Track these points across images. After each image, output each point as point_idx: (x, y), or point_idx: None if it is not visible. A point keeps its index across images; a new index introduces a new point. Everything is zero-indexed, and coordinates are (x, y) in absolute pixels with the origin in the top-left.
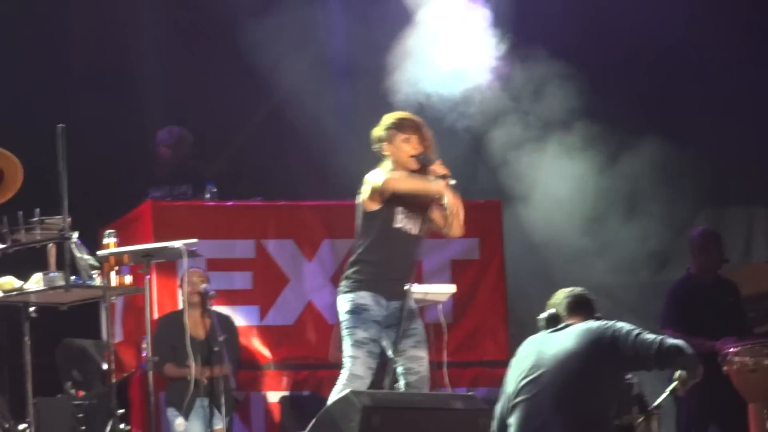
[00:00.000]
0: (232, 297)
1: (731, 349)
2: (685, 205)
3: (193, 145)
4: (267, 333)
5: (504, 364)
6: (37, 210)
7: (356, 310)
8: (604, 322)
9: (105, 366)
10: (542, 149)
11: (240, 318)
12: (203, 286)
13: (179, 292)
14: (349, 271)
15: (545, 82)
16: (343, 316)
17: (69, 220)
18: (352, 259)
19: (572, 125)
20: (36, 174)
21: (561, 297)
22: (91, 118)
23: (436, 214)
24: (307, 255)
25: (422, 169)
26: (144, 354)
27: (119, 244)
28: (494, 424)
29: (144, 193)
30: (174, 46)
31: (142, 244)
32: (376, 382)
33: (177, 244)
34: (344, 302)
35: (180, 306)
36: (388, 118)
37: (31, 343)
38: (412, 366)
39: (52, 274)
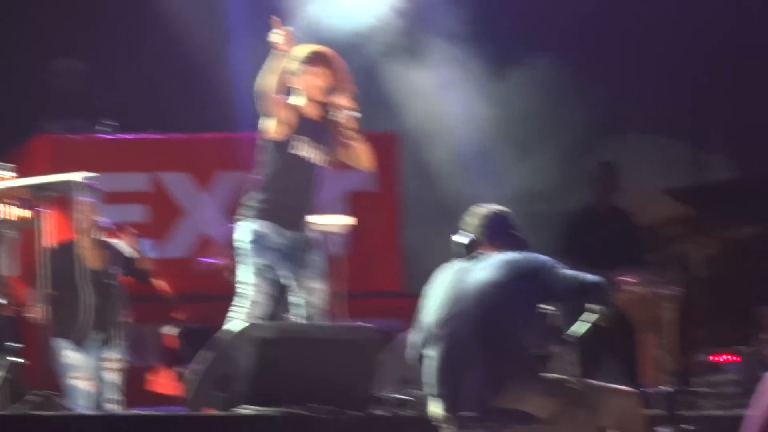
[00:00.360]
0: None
1: (622, 279)
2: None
3: (87, 77)
4: (163, 266)
5: (397, 295)
6: None
7: (255, 239)
8: (524, 254)
9: (1, 300)
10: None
11: None
12: (95, 217)
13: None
14: (249, 201)
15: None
16: (242, 243)
17: None
18: (252, 189)
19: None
20: None
21: (477, 221)
22: None
23: (339, 144)
24: (204, 188)
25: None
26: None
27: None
28: (412, 353)
29: (36, 125)
30: None
31: (39, 177)
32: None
33: (76, 176)
34: (243, 230)
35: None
36: (298, 52)
37: None
38: (310, 298)
39: None
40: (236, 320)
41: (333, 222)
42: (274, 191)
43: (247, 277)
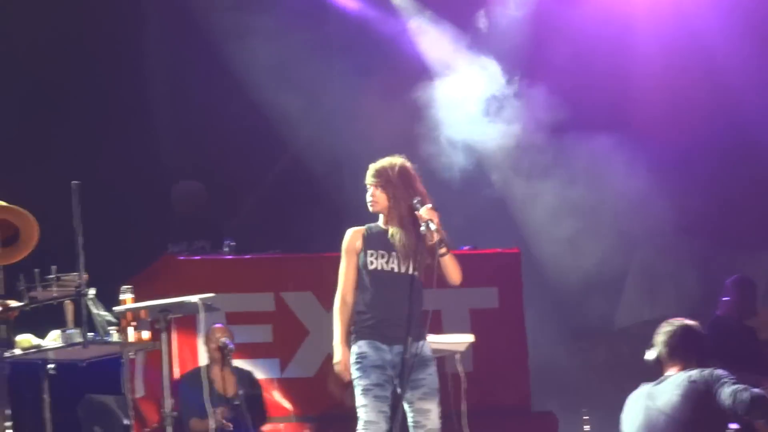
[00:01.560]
0: (252, 350)
1: None
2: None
3: (209, 199)
4: (287, 385)
5: (524, 412)
6: (54, 267)
7: (358, 360)
8: (703, 371)
9: (126, 422)
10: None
11: (260, 371)
12: (222, 339)
13: (199, 347)
14: (352, 324)
15: None
16: (351, 368)
17: (85, 276)
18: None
19: None
20: (52, 231)
21: (661, 338)
22: (108, 174)
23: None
24: (326, 306)
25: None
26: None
27: (138, 300)
28: None
29: (163, 248)
30: (190, 100)
31: (159, 300)
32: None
33: (193, 298)
34: (351, 355)
35: (200, 361)
36: (370, 168)
37: (51, 400)
38: (419, 419)
39: (69, 331)
40: None
41: (457, 340)
42: (367, 310)
43: (358, 399)
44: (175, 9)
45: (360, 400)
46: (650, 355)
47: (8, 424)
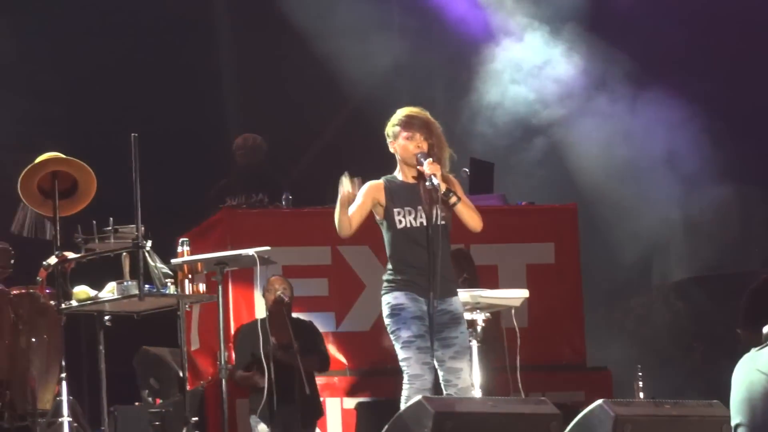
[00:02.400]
0: (308, 303)
1: None
2: None
3: (268, 152)
4: (343, 339)
5: (579, 368)
6: (111, 219)
7: (394, 311)
8: None
9: (182, 374)
10: None
11: (316, 325)
12: (278, 293)
13: (256, 300)
14: (384, 275)
15: None
16: (386, 320)
17: (143, 229)
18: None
19: None
20: (110, 183)
21: None
22: (167, 127)
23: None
24: (383, 260)
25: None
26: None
27: (195, 253)
28: None
29: (221, 201)
30: (249, 53)
31: (215, 252)
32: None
33: (250, 251)
34: (384, 306)
35: (257, 314)
36: (395, 116)
37: (107, 352)
38: (450, 378)
39: (126, 283)
40: (406, 396)
41: (513, 295)
42: (401, 267)
43: (400, 353)
44: None
45: (402, 353)
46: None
47: (64, 375)
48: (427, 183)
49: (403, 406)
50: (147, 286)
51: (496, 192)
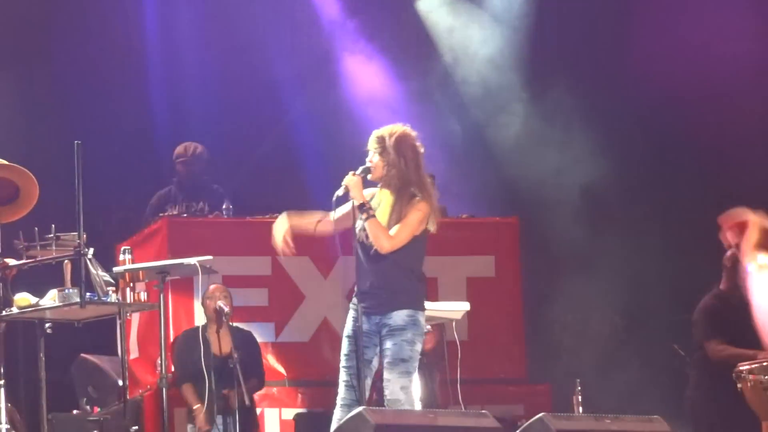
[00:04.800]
0: (248, 313)
1: (745, 367)
2: None
3: (209, 161)
4: (282, 350)
5: (519, 381)
6: (53, 226)
7: (346, 326)
8: None
9: (120, 382)
10: None
11: (256, 335)
12: (218, 302)
13: (195, 309)
14: None
15: None
16: None
17: (84, 236)
18: None
19: None
20: (52, 190)
21: None
22: (109, 134)
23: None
24: (323, 272)
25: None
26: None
27: (136, 261)
28: None
29: (161, 209)
30: (187, 61)
31: (157, 261)
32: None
33: (192, 260)
34: None
35: (197, 322)
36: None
37: (46, 359)
38: (385, 389)
39: (67, 291)
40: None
41: (454, 308)
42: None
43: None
44: None
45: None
46: None
47: (1, 382)
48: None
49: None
50: (88, 293)
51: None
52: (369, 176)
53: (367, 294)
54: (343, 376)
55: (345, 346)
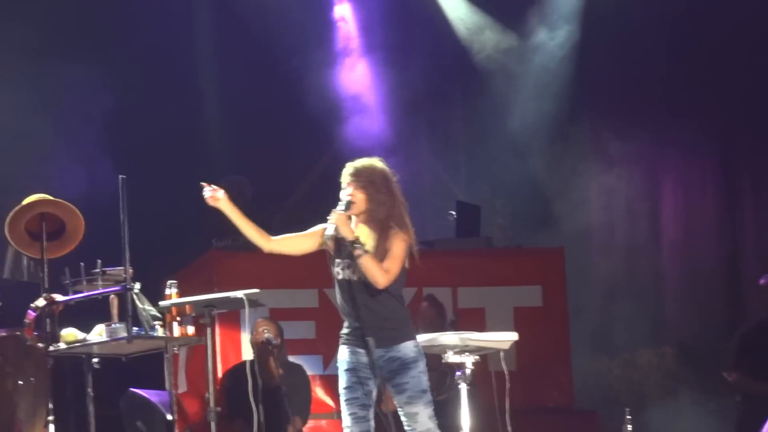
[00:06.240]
0: (295, 346)
1: None
2: None
3: (254, 194)
4: (331, 382)
5: (567, 411)
6: (99, 261)
7: (338, 365)
8: None
9: (169, 417)
10: None
11: (304, 367)
12: (266, 335)
13: (243, 342)
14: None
15: None
16: None
17: (131, 271)
18: None
19: None
20: (98, 225)
21: None
22: (154, 169)
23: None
24: None
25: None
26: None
27: (183, 295)
28: None
29: (207, 243)
30: (236, 97)
31: (204, 295)
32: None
33: (239, 294)
34: None
35: (244, 356)
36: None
37: (94, 395)
38: (408, 422)
39: (114, 326)
40: None
41: (502, 338)
42: (342, 317)
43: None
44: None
45: (341, 404)
46: None
47: (51, 418)
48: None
49: None
50: (135, 328)
51: (483, 235)
52: (348, 211)
53: (369, 329)
54: (349, 410)
55: (345, 380)
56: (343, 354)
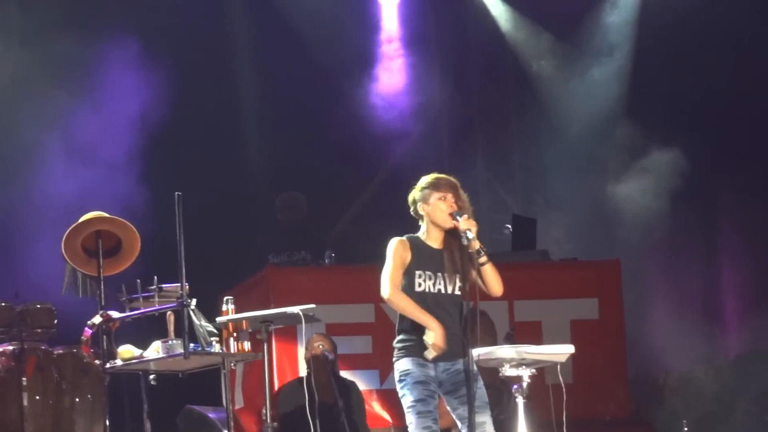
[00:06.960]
0: (352, 361)
1: None
2: None
3: (310, 210)
4: (387, 397)
5: (625, 423)
6: (156, 277)
7: (401, 378)
8: None
9: None
10: None
11: (360, 382)
12: (322, 350)
13: (299, 357)
14: (395, 341)
15: None
16: (397, 386)
17: (187, 287)
18: (396, 327)
19: None
20: (154, 242)
21: None
22: (210, 185)
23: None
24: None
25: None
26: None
27: (239, 310)
28: None
29: (263, 259)
30: (292, 114)
31: (260, 310)
32: None
33: (295, 309)
34: (395, 372)
35: (300, 372)
36: (424, 180)
37: (151, 411)
38: (476, 429)
39: (171, 342)
40: None
41: (558, 351)
42: (411, 331)
43: (407, 417)
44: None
45: (408, 417)
46: None
47: None
48: (462, 239)
49: None
50: (192, 344)
51: (539, 248)
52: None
53: (450, 341)
54: (423, 423)
55: (418, 392)
56: (409, 366)
